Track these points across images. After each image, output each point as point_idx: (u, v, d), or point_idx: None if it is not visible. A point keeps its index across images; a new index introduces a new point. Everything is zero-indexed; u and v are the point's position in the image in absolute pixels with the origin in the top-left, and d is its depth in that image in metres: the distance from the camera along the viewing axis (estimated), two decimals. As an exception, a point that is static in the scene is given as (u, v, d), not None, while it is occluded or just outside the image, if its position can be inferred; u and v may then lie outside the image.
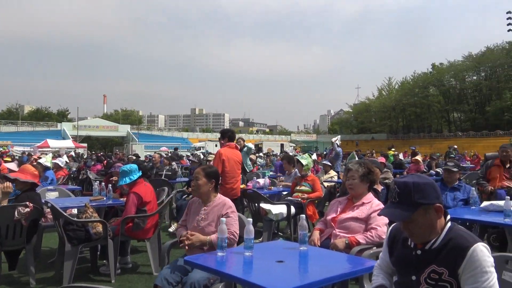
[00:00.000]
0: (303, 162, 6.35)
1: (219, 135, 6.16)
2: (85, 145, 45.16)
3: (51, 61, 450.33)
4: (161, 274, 2.99)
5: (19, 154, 23.84)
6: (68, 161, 16.22)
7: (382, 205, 3.45)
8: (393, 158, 14.00)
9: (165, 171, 9.82)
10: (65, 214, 4.49)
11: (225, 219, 2.78)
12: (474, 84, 61.47)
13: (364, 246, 3.18)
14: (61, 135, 52.39)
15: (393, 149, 15.34)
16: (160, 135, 70.04)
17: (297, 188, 6.29)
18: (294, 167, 7.02)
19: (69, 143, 38.81)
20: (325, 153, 10.85)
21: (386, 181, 6.51)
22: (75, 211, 5.35)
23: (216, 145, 35.05)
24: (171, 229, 6.99)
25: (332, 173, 9.44)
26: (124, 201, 4.87)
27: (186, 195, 7.21)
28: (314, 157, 9.99)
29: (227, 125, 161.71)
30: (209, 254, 2.85)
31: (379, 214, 2.08)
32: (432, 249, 1.84)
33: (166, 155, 15.19)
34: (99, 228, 4.45)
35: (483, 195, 6.01)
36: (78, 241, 4.36)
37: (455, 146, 22.66)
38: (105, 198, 5.41)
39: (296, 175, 6.75)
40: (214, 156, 6.08)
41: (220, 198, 3.42)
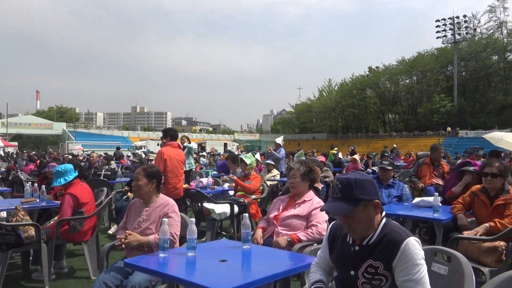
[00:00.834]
0: (247, 161, 6.40)
1: (161, 134, 6.04)
2: (15, 143, 42.44)
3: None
4: (100, 278, 2.88)
5: None
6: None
7: (322, 203, 3.56)
8: (333, 157, 14.47)
9: (104, 171, 9.46)
10: (-8, 217, 4.19)
11: (167, 220, 2.73)
12: (407, 87, 65.09)
13: (306, 243, 3.26)
14: (-12, 133, 48.77)
15: (335, 149, 15.89)
16: (98, 133, 67.34)
17: (240, 187, 6.32)
18: (238, 166, 7.05)
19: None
20: (269, 153, 10.97)
21: (326, 179, 6.73)
22: (4, 214, 5.02)
23: (158, 144, 34.30)
24: (110, 231, 6.75)
25: (275, 172, 9.58)
26: (59, 203, 4.64)
27: (126, 196, 6.99)
28: (257, 156, 10.08)
29: (169, 124, 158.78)
30: (151, 255, 2.79)
31: (321, 209, 2.14)
32: (369, 244, 1.93)
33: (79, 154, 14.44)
34: (31, 231, 4.19)
35: (414, 191, 6.39)
36: (8, 246, 4.08)
37: (394, 145, 24.04)
38: (38, 200, 5.12)
39: (240, 174, 6.79)
40: (156, 156, 5.95)
41: (162, 198, 3.35)
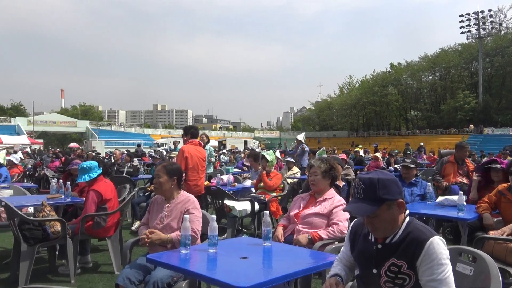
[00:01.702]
0: (268, 158, 6.39)
1: (182, 131, 6.10)
2: (41, 141, 43.48)
3: (5, 54, 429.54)
4: (123, 273, 2.93)
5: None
6: (23, 157, 15.58)
7: (343, 201, 3.54)
8: (354, 155, 14.34)
9: (126, 168, 9.62)
10: (20, 213, 4.31)
11: (188, 217, 2.76)
12: (429, 84, 63.78)
13: (326, 241, 3.25)
14: (15, 131, 50.11)
15: (359, 146, 15.76)
16: (121, 131, 68.42)
17: (261, 185, 6.33)
18: (260, 164, 7.05)
19: (24, 139, 37.27)
20: (290, 151, 10.94)
21: (348, 177, 6.68)
22: (31, 209, 5.16)
23: (179, 142, 34.66)
24: (133, 227, 6.86)
25: (295, 169, 9.56)
26: (84, 199, 4.74)
27: (148, 193, 7.09)
28: (277, 154, 10.08)
29: (190, 121, 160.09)
30: (173, 251, 2.83)
31: (344, 210, 2.13)
32: (392, 243, 1.91)
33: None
34: (57, 227, 4.30)
35: (438, 190, 6.28)
36: (35, 241, 4.21)
37: (421, 143, 23.71)
38: (63, 196, 5.24)
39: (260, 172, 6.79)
40: (177, 153, 6.02)
41: (183, 195, 3.39)
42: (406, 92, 65.83)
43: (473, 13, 57.17)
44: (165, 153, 18.37)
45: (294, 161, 9.84)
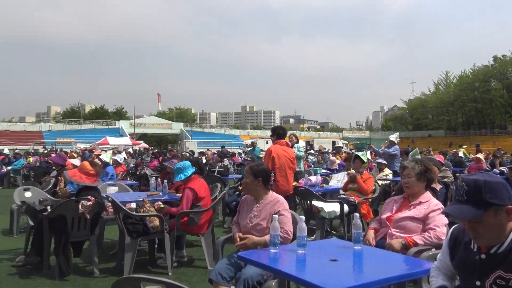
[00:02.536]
0: (364, 159, 6.20)
1: (269, 132, 6.18)
2: (141, 142, 46.93)
3: (109, 62, 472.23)
4: (216, 269, 3.06)
5: (80, 151, 25.19)
6: (126, 157, 16.97)
7: (441, 205, 3.31)
8: (453, 156, 13.38)
9: (217, 167, 10.01)
10: (124, 208, 4.71)
11: (277, 216, 2.79)
12: (541, 77, 57.24)
13: (422, 247, 3.07)
14: (119, 133, 54.85)
15: (464, 146, 14.59)
16: (212, 132, 71.42)
17: (350, 186, 6.18)
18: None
19: (126, 140, 40.52)
20: (381, 151, 10.47)
21: (445, 180, 6.24)
22: (133, 205, 5.58)
23: (267, 142, 35.20)
24: (226, 225, 7.14)
25: (387, 171, 9.18)
26: (180, 196, 5.03)
27: (238, 192, 7.31)
28: (368, 155, 9.75)
29: (277, 122, 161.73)
30: (263, 250, 2.87)
31: (443, 212, 1.98)
32: (497, 253, 1.73)
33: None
34: (156, 222, 4.62)
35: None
36: (137, 234, 4.56)
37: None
38: (161, 193, 5.60)
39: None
40: (265, 153, 6.11)
41: (272, 195, 3.43)
42: (512, 86, 59.75)
43: None
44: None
45: (385, 162, 9.44)
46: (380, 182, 8.24)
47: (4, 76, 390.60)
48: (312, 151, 25.08)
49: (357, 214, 2.72)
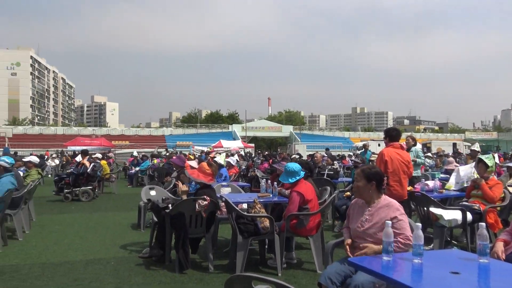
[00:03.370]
0: (488, 162, 5.59)
1: (382, 134, 5.92)
2: (252, 145, 48.62)
3: (223, 69, 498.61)
4: (325, 273, 3.01)
5: (198, 153, 27.01)
6: (238, 159, 17.70)
7: None
8: None
9: (327, 170, 9.89)
10: (237, 208, 4.91)
11: (390, 222, 2.65)
12: None
13: None
14: (232, 136, 57.54)
15: None
16: (321, 135, 71.00)
17: (474, 192, 5.62)
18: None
19: (239, 143, 42.27)
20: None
21: None
22: (245, 206, 5.79)
23: (379, 145, 33.82)
24: (336, 229, 7.02)
25: (519, 176, 8.14)
26: (288, 199, 5.08)
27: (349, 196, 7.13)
28: (496, 158, 8.77)
29: (390, 123, 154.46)
30: (374, 257, 2.76)
31: None
32: None
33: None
34: (266, 223, 4.73)
35: None
36: (248, 234, 4.72)
37: None
38: (271, 195, 5.72)
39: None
40: (377, 156, 5.86)
41: (385, 199, 3.27)
42: None
43: None
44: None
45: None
46: (511, 189, 7.34)
47: (134, 86, 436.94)
48: (429, 154, 23.44)
49: (483, 224, 2.46)
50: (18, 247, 6.04)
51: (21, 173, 8.60)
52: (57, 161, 23.38)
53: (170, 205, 5.57)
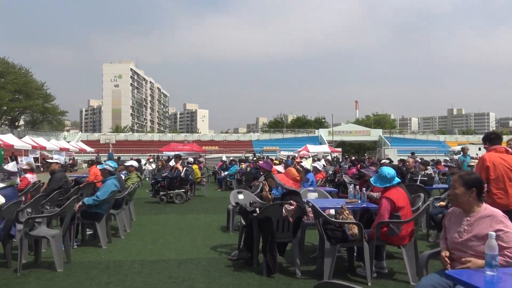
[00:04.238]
0: None
1: (482, 137, 5.44)
2: (339, 149, 47.70)
3: (307, 73, 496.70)
4: (420, 286, 2.84)
5: (284, 158, 27.17)
6: (325, 164, 17.48)
7: None
8: None
9: (420, 176, 9.36)
10: (324, 214, 4.84)
11: (494, 234, 2.42)
12: None
13: None
14: (318, 141, 57.04)
15: None
16: (413, 138, 67.44)
17: None
18: None
19: (325, 148, 41.74)
20: None
21: None
22: (332, 211, 5.69)
23: (479, 149, 31.17)
24: (431, 239, 6.61)
25: None
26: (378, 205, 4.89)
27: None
28: None
29: (492, 125, 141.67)
30: (475, 270, 2.54)
31: None
32: None
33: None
34: (355, 230, 4.60)
35: None
36: (336, 241, 4.62)
37: None
38: (359, 201, 5.56)
39: None
40: (477, 162, 5.40)
41: (486, 208, 3.00)
42: None
43: None
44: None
45: None
46: None
47: (223, 93, 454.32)
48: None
49: None
50: (121, 244, 6.57)
51: (123, 176, 9.36)
52: (153, 165, 25.12)
53: (257, 209, 5.67)
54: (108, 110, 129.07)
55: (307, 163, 10.24)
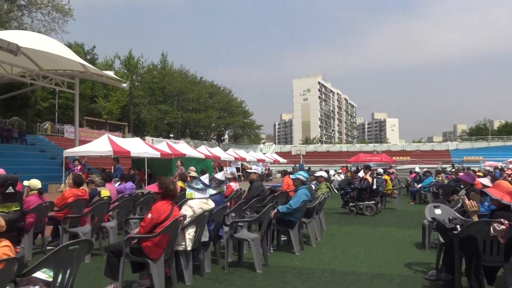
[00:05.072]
0: None
1: None
2: None
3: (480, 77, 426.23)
4: None
5: (491, 169, 23.84)
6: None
7: None
8: None
9: None
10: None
11: None
12: None
13: None
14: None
15: None
16: None
17: None
18: None
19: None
20: None
21: None
22: None
23: None
24: None
25: None
26: None
27: None
28: None
29: None
30: None
31: None
32: None
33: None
34: None
35: None
36: None
37: None
38: None
39: None
40: None
41: None
42: None
43: None
44: None
45: None
46: None
47: (414, 100, 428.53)
48: None
49: None
50: (312, 252, 6.77)
51: (313, 187, 9.69)
52: (342, 176, 25.27)
53: (458, 226, 5.10)
54: (298, 123, 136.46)
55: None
